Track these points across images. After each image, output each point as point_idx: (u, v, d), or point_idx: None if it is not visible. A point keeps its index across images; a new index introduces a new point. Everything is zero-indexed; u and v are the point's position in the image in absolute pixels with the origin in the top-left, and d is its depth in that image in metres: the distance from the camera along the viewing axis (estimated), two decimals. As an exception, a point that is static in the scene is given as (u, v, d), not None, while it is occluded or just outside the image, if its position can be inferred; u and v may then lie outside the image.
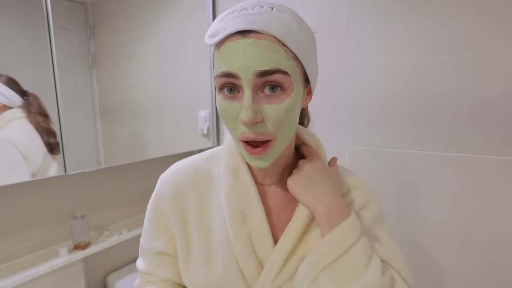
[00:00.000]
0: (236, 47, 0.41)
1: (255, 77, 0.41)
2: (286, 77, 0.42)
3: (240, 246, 0.51)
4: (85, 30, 1.19)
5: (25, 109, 1.02)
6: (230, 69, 0.41)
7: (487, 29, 0.90)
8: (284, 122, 0.44)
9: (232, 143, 0.55)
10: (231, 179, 0.53)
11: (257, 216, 0.52)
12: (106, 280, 1.35)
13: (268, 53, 0.41)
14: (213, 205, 0.55)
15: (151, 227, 0.58)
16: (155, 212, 0.58)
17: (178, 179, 0.56)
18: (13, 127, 1.00)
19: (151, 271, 0.60)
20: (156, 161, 1.45)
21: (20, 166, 1.00)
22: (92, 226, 1.28)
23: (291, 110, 0.44)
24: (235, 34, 0.41)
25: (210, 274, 0.53)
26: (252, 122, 0.41)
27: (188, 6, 1.47)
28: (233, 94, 0.44)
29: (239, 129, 0.44)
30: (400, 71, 1.05)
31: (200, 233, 0.54)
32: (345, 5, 1.12)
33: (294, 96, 0.44)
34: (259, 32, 0.41)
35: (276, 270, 0.50)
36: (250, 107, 0.41)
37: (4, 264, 1.05)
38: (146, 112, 1.42)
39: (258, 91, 0.43)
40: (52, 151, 1.06)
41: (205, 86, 1.55)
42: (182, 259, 0.55)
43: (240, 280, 0.51)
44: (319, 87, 1.33)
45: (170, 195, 0.55)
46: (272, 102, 0.43)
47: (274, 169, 0.54)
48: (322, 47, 1.20)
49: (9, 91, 0.98)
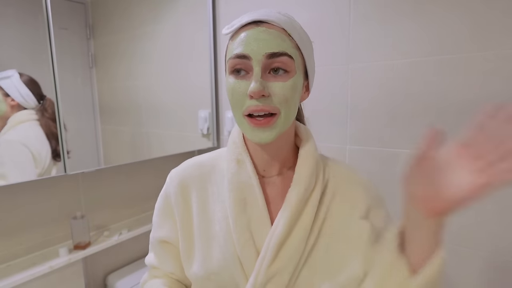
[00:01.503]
0: (249, 33, 0.48)
1: (265, 58, 0.47)
2: (290, 61, 0.49)
3: (239, 233, 0.52)
4: (85, 30, 1.19)
5: (39, 112, 1.02)
6: (243, 51, 0.48)
7: (490, 28, 0.90)
8: (290, 99, 0.49)
9: (237, 138, 0.58)
10: (234, 169, 0.56)
11: (257, 204, 0.54)
12: (106, 280, 1.35)
13: (276, 39, 0.48)
14: (216, 195, 0.58)
15: (158, 216, 0.63)
16: (163, 202, 0.62)
17: (185, 173, 0.61)
18: (25, 128, 1.01)
19: (157, 264, 0.63)
20: (156, 161, 1.45)
21: (29, 167, 1.00)
22: (92, 226, 1.28)
23: (294, 89, 0.50)
24: (250, 24, 0.49)
25: (209, 262, 0.55)
26: (260, 93, 0.46)
27: (188, 6, 1.47)
28: (242, 75, 0.49)
29: (245, 104, 0.49)
30: (400, 71, 1.05)
31: (202, 223, 0.57)
32: (345, 5, 1.12)
33: (296, 78, 0.50)
34: (269, 23, 0.48)
35: (270, 256, 0.50)
36: (259, 80, 0.47)
37: (4, 264, 1.05)
38: (146, 112, 1.42)
39: (266, 72, 0.48)
40: (55, 157, 1.06)
41: (205, 86, 1.55)
42: (183, 250, 0.58)
43: (238, 269, 0.52)
44: (319, 87, 1.33)
45: (177, 187, 0.59)
46: (278, 80, 0.48)
47: (274, 160, 0.57)
48: (322, 47, 1.21)
49: (27, 92, 0.99)
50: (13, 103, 0.98)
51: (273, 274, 0.51)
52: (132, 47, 1.34)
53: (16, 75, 0.97)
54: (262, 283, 0.51)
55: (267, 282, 0.51)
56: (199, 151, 1.59)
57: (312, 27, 1.26)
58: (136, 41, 1.35)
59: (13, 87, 0.97)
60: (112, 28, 1.28)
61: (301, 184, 0.53)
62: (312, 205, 0.53)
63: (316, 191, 0.54)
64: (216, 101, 1.58)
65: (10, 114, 0.98)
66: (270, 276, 0.51)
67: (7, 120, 0.97)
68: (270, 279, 0.51)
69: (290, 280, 0.52)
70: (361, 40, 1.11)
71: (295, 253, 0.51)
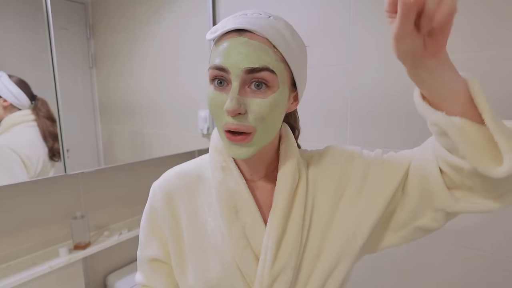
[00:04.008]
0: (230, 44, 0.45)
1: (244, 73, 0.44)
2: (272, 76, 0.46)
3: (235, 241, 0.51)
4: (85, 30, 1.19)
5: (34, 112, 1.01)
6: (222, 63, 0.45)
7: (489, 28, 0.90)
8: (267, 117, 0.47)
9: (219, 144, 0.57)
10: (220, 177, 0.54)
11: (249, 210, 0.53)
12: (106, 280, 1.35)
13: (257, 52, 0.44)
14: (205, 206, 0.56)
15: (145, 234, 0.60)
16: (149, 218, 0.59)
17: (169, 184, 0.58)
18: (17, 132, 1.00)
19: (148, 283, 0.60)
20: (156, 161, 1.45)
21: (20, 173, 0.99)
22: (92, 226, 1.28)
23: (274, 106, 0.47)
24: (232, 32, 0.46)
25: (208, 274, 0.53)
26: (235, 112, 0.44)
27: (188, 6, 1.47)
28: (222, 86, 0.47)
29: (224, 120, 0.47)
30: (400, 71, 1.04)
31: (194, 235, 0.55)
32: (345, 5, 1.12)
33: (278, 94, 0.47)
34: (252, 33, 0.45)
35: (271, 258, 0.50)
36: (235, 98, 0.44)
37: (4, 264, 1.05)
38: (146, 112, 1.42)
39: (245, 86, 0.46)
40: (53, 157, 1.06)
41: (205, 86, 1.55)
42: (176, 264, 0.56)
43: (238, 277, 0.52)
44: (319, 87, 1.33)
45: (163, 200, 0.57)
46: (257, 96, 0.46)
47: (259, 165, 0.56)
48: (322, 47, 1.21)
49: (19, 92, 0.98)
50: (6, 103, 0.96)
51: (277, 274, 0.51)
52: (132, 47, 1.34)
53: (4, 75, 0.95)
54: (267, 285, 0.50)
55: (272, 283, 0.51)
56: (199, 151, 1.59)
57: (312, 27, 1.26)
58: (136, 41, 1.35)
59: (3, 88, 0.95)
60: (112, 28, 1.28)
61: (286, 182, 0.53)
62: (300, 200, 0.53)
63: (301, 186, 0.54)
64: (216, 101, 1.58)
65: (3, 115, 0.96)
66: (274, 277, 0.51)
67: (0, 122, 0.95)
68: (275, 280, 0.51)
69: (293, 275, 0.52)
70: (361, 40, 1.11)
71: (293, 249, 0.51)
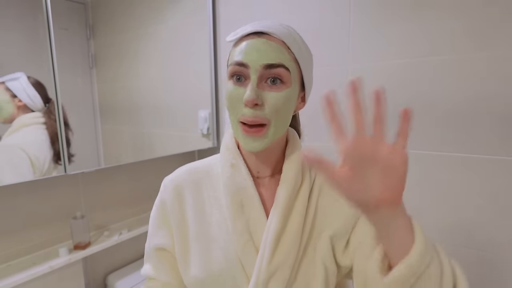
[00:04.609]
0: (250, 43, 0.50)
1: (262, 68, 0.49)
2: (287, 73, 0.51)
3: (238, 234, 0.54)
4: (85, 30, 1.19)
5: (46, 115, 1.03)
6: (243, 59, 0.50)
7: (487, 29, 0.90)
8: (281, 110, 0.51)
9: (230, 143, 0.60)
10: (229, 172, 0.58)
11: (254, 205, 0.56)
12: (106, 280, 1.35)
13: (275, 51, 0.50)
14: (212, 200, 0.59)
15: (153, 225, 0.63)
16: (159, 210, 0.63)
17: (180, 179, 0.62)
18: (27, 133, 1.01)
19: (154, 274, 0.62)
20: (156, 161, 1.46)
21: (27, 172, 1.00)
22: (92, 226, 1.28)
23: (287, 100, 0.52)
24: (251, 34, 0.51)
25: (211, 264, 0.55)
26: (253, 102, 0.49)
27: (188, 6, 1.47)
28: (240, 82, 0.52)
29: (240, 112, 0.51)
30: (400, 71, 1.05)
31: (200, 227, 0.58)
32: (345, 6, 1.13)
33: (291, 90, 0.52)
34: (270, 35, 0.51)
35: (269, 253, 0.52)
36: (254, 90, 0.49)
37: (4, 264, 1.05)
38: (146, 112, 1.42)
39: (262, 81, 0.51)
40: (58, 161, 1.07)
41: (205, 86, 1.55)
42: (179, 255, 0.59)
43: (239, 270, 0.54)
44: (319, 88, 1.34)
45: (172, 193, 0.61)
46: (272, 90, 0.51)
47: (266, 164, 0.59)
48: (322, 48, 1.21)
49: (35, 94, 1.00)
50: (20, 103, 0.98)
51: (274, 270, 0.52)
52: (133, 47, 1.34)
53: (24, 77, 0.99)
54: (264, 280, 0.52)
55: (269, 278, 0.52)
56: (199, 151, 1.60)
57: (312, 28, 1.26)
58: (136, 41, 1.35)
59: (21, 89, 0.98)
60: (112, 28, 1.28)
61: (288, 182, 0.56)
62: (301, 201, 0.56)
63: (303, 188, 0.57)
64: (216, 101, 1.58)
65: (16, 115, 0.98)
66: (271, 273, 0.52)
67: (13, 122, 0.98)
68: (272, 276, 0.52)
69: (291, 274, 0.53)
70: (360, 41, 1.11)
71: (292, 247, 0.53)
